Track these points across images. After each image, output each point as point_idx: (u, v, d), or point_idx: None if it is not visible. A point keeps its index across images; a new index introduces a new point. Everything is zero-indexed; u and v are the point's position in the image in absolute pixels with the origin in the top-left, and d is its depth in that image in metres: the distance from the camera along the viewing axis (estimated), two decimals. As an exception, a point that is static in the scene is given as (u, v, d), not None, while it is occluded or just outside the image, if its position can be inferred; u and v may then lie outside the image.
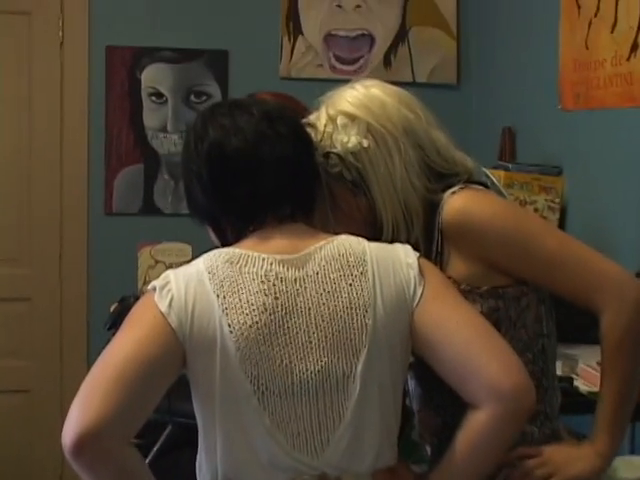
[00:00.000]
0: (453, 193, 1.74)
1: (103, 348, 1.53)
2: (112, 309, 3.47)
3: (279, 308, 1.53)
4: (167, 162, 4.30)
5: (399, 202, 1.74)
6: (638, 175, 3.12)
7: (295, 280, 1.56)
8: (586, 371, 2.56)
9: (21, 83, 4.20)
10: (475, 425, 1.53)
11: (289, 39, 4.32)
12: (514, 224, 1.73)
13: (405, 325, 1.58)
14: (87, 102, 4.26)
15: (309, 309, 1.54)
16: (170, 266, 4.06)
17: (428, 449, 1.88)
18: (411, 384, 1.88)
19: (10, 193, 4.23)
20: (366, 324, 1.55)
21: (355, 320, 1.55)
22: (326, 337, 1.54)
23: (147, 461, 2.80)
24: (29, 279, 4.28)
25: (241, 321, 1.51)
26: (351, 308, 1.55)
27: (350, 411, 1.54)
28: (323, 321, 1.54)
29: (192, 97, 4.29)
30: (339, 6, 4.37)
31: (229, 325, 1.51)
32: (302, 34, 4.34)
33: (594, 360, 2.43)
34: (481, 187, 1.80)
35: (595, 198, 3.40)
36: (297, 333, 1.54)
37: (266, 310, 1.53)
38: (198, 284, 1.54)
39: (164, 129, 4.30)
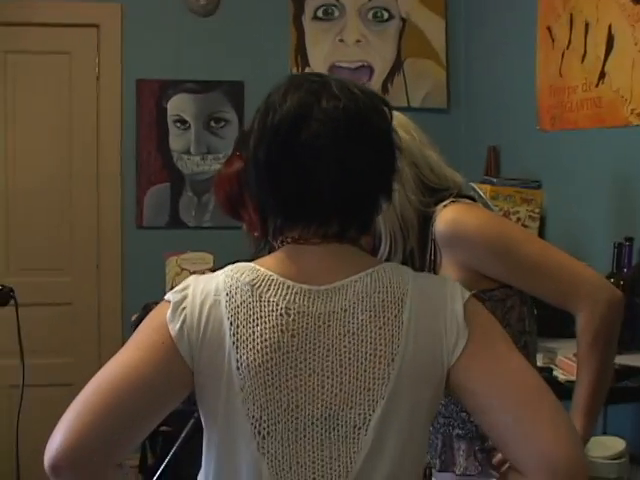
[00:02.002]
0: (444, 206, 1.74)
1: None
2: (134, 318, 3.37)
3: (295, 347, 1.22)
4: (191, 181, 4.30)
5: (396, 215, 1.74)
6: (607, 187, 3.12)
7: (319, 316, 1.23)
8: (564, 362, 2.55)
9: (63, 113, 4.22)
10: None
11: (297, 70, 4.31)
12: (499, 233, 1.72)
13: (438, 379, 1.25)
14: (120, 129, 4.26)
15: (328, 351, 1.23)
16: (194, 273, 4.06)
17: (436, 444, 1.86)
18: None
19: (54, 211, 4.24)
20: (389, 374, 1.22)
21: (377, 369, 1.22)
22: (341, 384, 1.22)
23: (174, 448, 2.78)
24: (70, 286, 4.28)
25: (250, 358, 1.22)
26: (375, 355, 1.22)
27: (359, 464, 1.23)
28: (341, 366, 1.23)
29: (212, 123, 4.29)
30: (341, 40, 4.37)
31: (237, 361, 1.22)
32: (309, 65, 4.34)
33: (571, 352, 2.42)
34: (469, 200, 1.79)
35: (570, 208, 3.39)
36: (310, 375, 1.23)
37: (280, 349, 1.22)
38: (214, 305, 1.24)
39: (188, 151, 4.29)
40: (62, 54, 4.21)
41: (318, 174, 1.24)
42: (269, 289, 1.25)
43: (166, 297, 1.29)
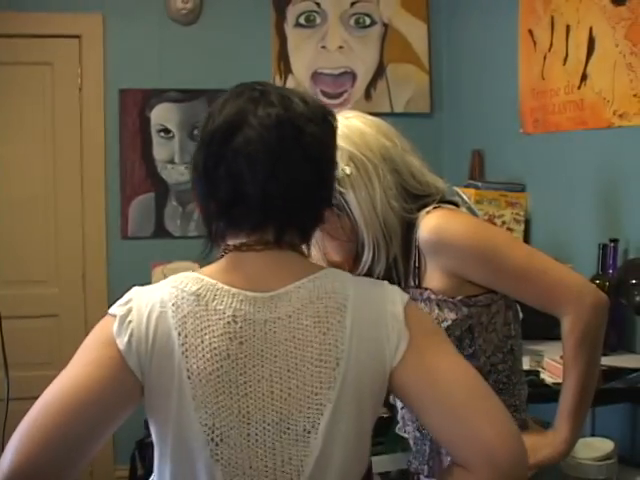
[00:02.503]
0: (427, 213, 1.72)
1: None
2: None
3: (243, 354, 1.24)
4: (175, 190, 4.30)
5: (379, 222, 1.71)
6: (591, 189, 3.13)
7: (265, 322, 1.25)
8: (551, 364, 2.56)
9: (46, 124, 4.21)
10: None
11: (280, 77, 4.33)
12: (483, 239, 1.70)
13: (381, 382, 1.28)
14: (104, 138, 4.25)
15: (275, 356, 1.24)
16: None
17: (411, 441, 1.86)
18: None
19: (38, 222, 4.22)
20: (335, 379, 1.25)
21: (323, 374, 1.24)
22: (289, 389, 1.24)
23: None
24: (56, 298, 4.27)
25: (200, 367, 1.22)
26: (321, 360, 1.25)
27: (310, 467, 1.25)
28: (288, 371, 1.24)
29: (196, 132, 4.28)
30: (324, 47, 4.38)
31: (187, 370, 1.22)
32: (292, 73, 4.35)
33: (557, 355, 2.42)
34: (452, 206, 1.78)
35: (555, 211, 3.40)
36: (259, 381, 1.24)
37: (229, 357, 1.23)
38: (160, 317, 1.25)
39: (172, 161, 4.29)
40: (44, 65, 4.20)
41: (249, 180, 1.26)
42: (215, 298, 1.26)
43: (110, 311, 1.29)
